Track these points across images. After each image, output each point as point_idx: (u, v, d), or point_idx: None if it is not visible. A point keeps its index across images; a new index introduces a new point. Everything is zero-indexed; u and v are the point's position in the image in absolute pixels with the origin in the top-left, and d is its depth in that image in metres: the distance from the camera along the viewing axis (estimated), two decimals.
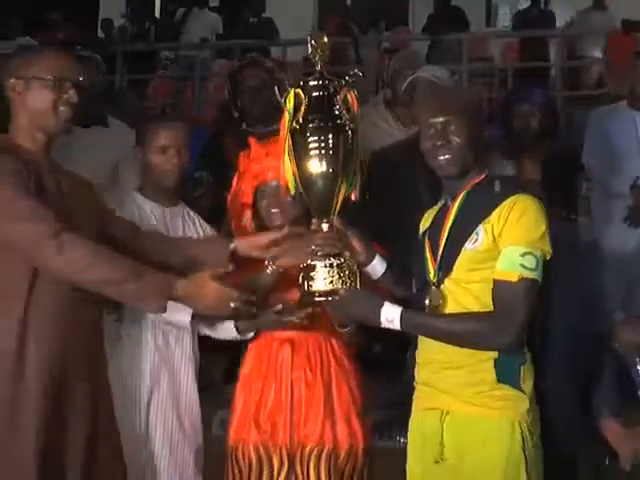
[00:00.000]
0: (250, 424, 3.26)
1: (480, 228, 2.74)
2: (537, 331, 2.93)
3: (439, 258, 2.83)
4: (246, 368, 3.37)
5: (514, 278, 2.65)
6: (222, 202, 3.56)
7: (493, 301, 2.71)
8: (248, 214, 3.36)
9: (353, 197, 2.89)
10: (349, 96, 2.84)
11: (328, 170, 2.78)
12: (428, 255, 2.88)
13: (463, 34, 10.19)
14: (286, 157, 2.85)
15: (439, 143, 2.80)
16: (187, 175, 3.63)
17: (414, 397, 2.98)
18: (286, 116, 2.81)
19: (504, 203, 2.73)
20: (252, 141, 3.37)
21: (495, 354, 2.73)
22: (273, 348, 3.31)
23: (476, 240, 2.74)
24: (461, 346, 2.72)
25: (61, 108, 2.86)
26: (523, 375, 2.78)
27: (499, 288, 2.70)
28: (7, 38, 10.92)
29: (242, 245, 3.14)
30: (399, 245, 3.19)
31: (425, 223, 3.04)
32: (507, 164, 4.64)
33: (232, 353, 3.60)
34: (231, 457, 3.28)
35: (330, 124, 2.78)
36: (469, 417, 2.77)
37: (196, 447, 3.43)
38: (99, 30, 13.18)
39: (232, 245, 3.14)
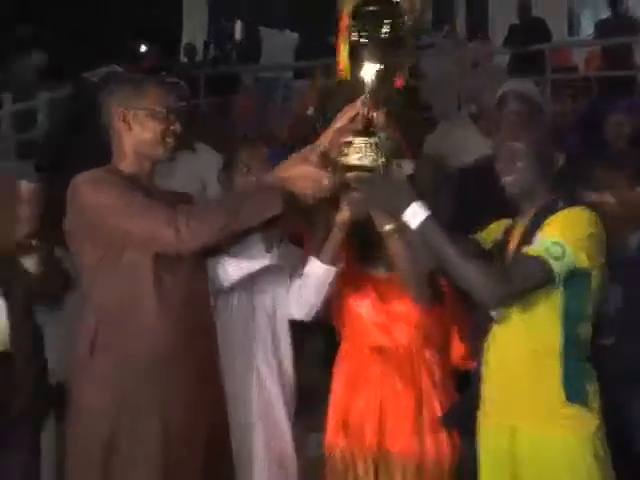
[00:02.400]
0: (339, 430, 3.30)
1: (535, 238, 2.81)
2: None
3: None
4: (337, 376, 3.40)
5: (533, 254, 2.72)
6: None
7: (507, 264, 2.81)
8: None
9: (399, 83, 2.89)
10: None
11: (381, 55, 2.78)
12: None
13: (545, 44, 10.08)
14: (344, 44, 2.85)
15: (506, 165, 2.92)
16: None
17: (481, 412, 2.98)
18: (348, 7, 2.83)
19: (557, 213, 2.82)
20: None
21: (561, 372, 2.78)
22: (363, 356, 3.33)
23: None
24: (451, 277, 2.78)
25: (168, 139, 2.92)
26: (591, 394, 2.82)
27: (517, 256, 2.80)
28: (92, 67, 11.20)
29: None
30: None
31: (491, 234, 3.09)
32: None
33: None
34: (325, 464, 3.33)
35: (387, 8, 2.80)
36: (540, 436, 2.80)
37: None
38: (181, 55, 13.39)
39: None
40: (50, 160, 6.35)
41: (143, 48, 13.01)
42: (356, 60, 2.80)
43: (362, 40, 2.78)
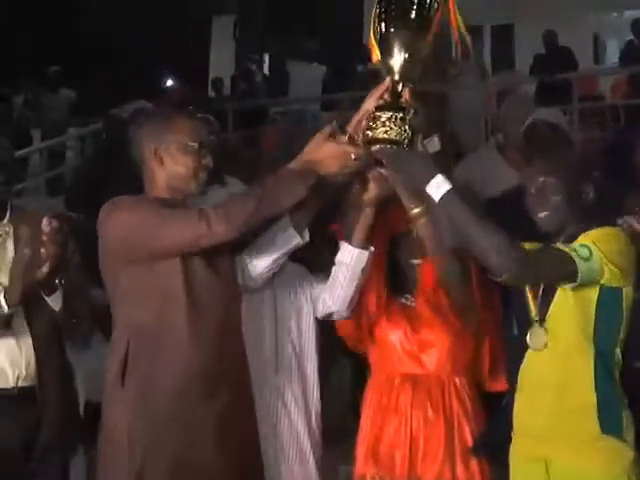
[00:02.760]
0: (369, 459, 3.28)
1: None
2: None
3: (540, 295, 2.91)
4: (367, 405, 3.39)
5: (564, 249, 2.76)
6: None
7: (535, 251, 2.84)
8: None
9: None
10: None
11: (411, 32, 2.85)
12: (529, 295, 2.94)
13: (572, 73, 10.08)
14: (373, 23, 2.91)
15: (539, 200, 2.94)
16: None
17: (514, 442, 2.98)
18: None
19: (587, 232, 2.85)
20: None
21: (594, 401, 2.78)
22: (394, 384, 3.32)
23: None
24: (471, 246, 2.76)
25: (200, 174, 2.95)
26: (626, 424, 2.81)
27: (547, 245, 2.87)
28: (123, 102, 11.31)
29: None
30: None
31: None
32: None
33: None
34: None
35: None
36: (575, 470, 2.78)
37: None
38: (210, 89, 13.51)
39: None
40: (80, 196, 6.41)
41: (171, 83, 13.15)
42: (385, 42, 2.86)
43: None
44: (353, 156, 2.83)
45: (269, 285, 3.36)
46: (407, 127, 2.76)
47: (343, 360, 3.90)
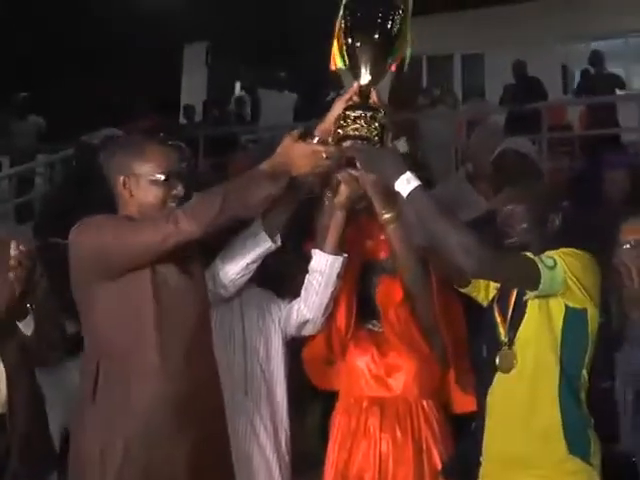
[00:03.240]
0: None
1: None
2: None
3: (509, 317, 2.97)
4: (335, 431, 3.39)
5: (530, 256, 2.84)
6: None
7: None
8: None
9: (393, 68, 3.01)
10: None
11: (376, 36, 2.91)
12: (498, 318, 3.01)
13: (540, 103, 10.17)
14: (338, 30, 2.98)
15: (507, 228, 3.01)
16: None
17: (483, 470, 3.01)
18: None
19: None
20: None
21: (561, 422, 2.82)
22: (362, 408, 3.33)
23: None
24: (438, 243, 2.80)
25: (170, 204, 2.93)
26: (592, 446, 2.85)
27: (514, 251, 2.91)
28: (93, 129, 11.27)
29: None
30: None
31: (493, 290, 3.14)
32: None
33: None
34: None
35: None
36: None
37: None
38: (181, 116, 13.51)
39: None
40: (49, 223, 6.36)
41: (142, 109, 13.11)
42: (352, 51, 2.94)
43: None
44: (324, 155, 2.86)
45: (237, 310, 3.37)
46: (377, 125, 2.83)
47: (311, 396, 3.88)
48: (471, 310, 3.29)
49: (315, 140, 2.94)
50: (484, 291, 3.16)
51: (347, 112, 2.88)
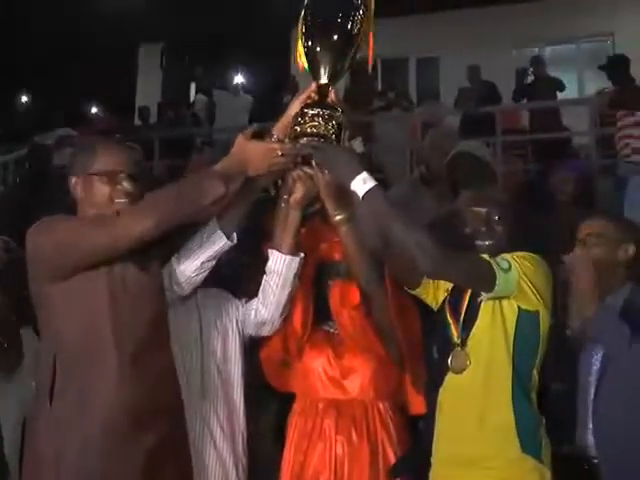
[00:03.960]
0: None
1: None
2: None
3: (462, 319, 2.99)
4: (291, 432, 3.39)
5: (485, 258, 2.87)
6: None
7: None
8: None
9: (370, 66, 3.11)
10: None
11: (335, 37, 2.93)
12: (450, 319, 3.04)
13: (495, 107, 10.25)
14: (299, 30, 3.01)
15: (482, 229, 3.03)
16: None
17: (434, 462, 3.03)
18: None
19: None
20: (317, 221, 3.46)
21: (514, 421, 2.86)
22: (318, 410, 3.34)
23: None
24: (393, 242, 2.83)
25: (117, 200, 2.90)
26: (544, 445, 2.89)
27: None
28: (47, 129, 11.17)
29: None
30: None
31: (443, 293, 3.16)
32: None
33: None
34: None
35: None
36: None
37: None
38: (136, 117, 13.42)
39: None
40: (3, 224, 6.30)
41: (96, 110, 13.02)
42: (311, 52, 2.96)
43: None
44: (279, 152, 2.85)
45: (194, 310, 3.36)
46: (334, 123, 2.85)
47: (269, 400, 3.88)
48: (423, 311, 3.31)
49: (273, 138, 2.94)
50: (433, 294, 3.18)
51: (305, 110, 2.89)
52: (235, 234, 3.19)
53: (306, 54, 2.97)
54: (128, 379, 2.80)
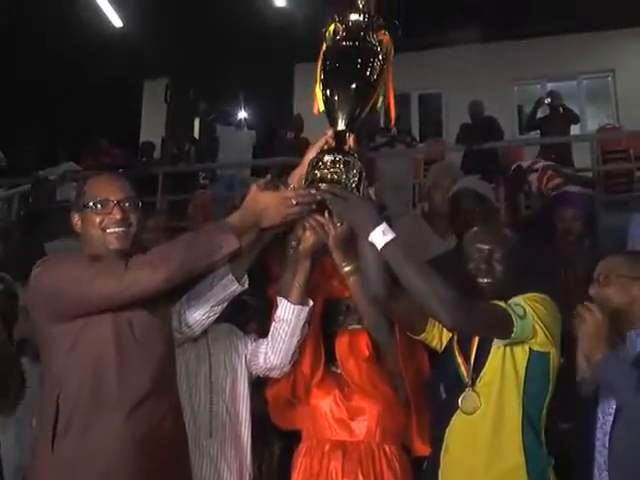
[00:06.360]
0: None
1: None
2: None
3: (472, 359, 2.98)
4: (297, 471, 3.36)
5: (502, 306, 2.86)
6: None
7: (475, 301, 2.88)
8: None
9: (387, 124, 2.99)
10: (383, 37, 2.96)
11: (354, 85, 2.87)
12: (459, 359, 3.03)
13: (497, 142, 10.28)
14: (318, 77, 2.94)
15: (484, 267, 3.02)
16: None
17: None
18: (324, 42, 2.94)
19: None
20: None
21: (524, 462, 2.83)
22: (325, 451, 3.31)
23: None
24: (416, 296, 2.75)
25: (109, 230, 2.86)
26: None
27: (486, 300, 2.91)
28: (52, 164, 11.21)
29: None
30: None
31: (448, 335, 3.15)
32: None
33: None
34: None
35: (361, 45, 2.89)
36: None
37: None
38: (140, 152, 13.45)
39: None
40: (7, 259, 6.32)
41: (100, 145, 13.06)
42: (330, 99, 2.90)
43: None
44: (293, 201, 2.79)
45: (204, 349, 3.34)
46: (355, 172, 2.80)
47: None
48: (431, 351, 3.29)
49: (288, 187, 2.89)
50: (438, 337, 3.16)
51: (324, 156, 2.83)
52: (247, 277, 3.17)
53: (324, 99, 2.92)
54: (132, 422, 2.76)
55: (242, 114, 14.83)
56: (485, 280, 3.03)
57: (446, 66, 13.15)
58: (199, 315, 3.18)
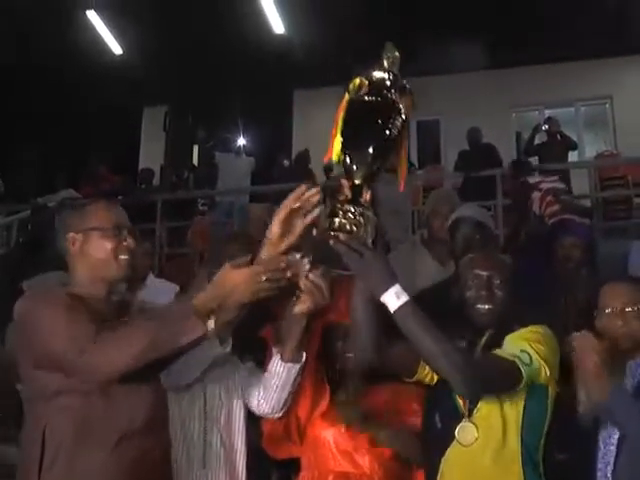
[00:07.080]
0: None
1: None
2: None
3: None
4: None
5: (509, 359, 2.80)
6: None
7: (482, 358, 2.87)
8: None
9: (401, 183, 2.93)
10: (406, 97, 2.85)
11: (374, 141, 2.74)
12: None
13: (496, 169, 10.30)
14: (338, 129, 2.79)
15: (483, 293, 2.99)
16: None
17: None
18: (345, 96, 2.81)
19: (520, 329, 2.95)
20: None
21: None
22: None
23: None
24: (429, 361, 2.71)
25: (121, 257, 2.89)
26: None
27: (494, 355, 2.85)
28: (51, 190, 11.23)
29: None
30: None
31: None
32: None
33: None
34: None
35: (383, 101, 2.77)
36: None
37: None
38: (139, 179, 13.49)
39: None
40: (4, 286, 6.31)
41: (100, 172, 13.09)
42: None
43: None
44: (264, 277, 2.67)
45: (199, 382, 3.32)
46: (371, 227, 2.64)
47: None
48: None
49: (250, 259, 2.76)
50: (431, 374, 3.09)
51: (342, 205, 2.66)
52: (230, 340, 3.04)
53: (342, 152, 2.74)
54: (117, 455, 2.73)
55: (241, 141, 14.89)
56: (486, 306, 3.01)
57: (444, 93, 13.20)
58: (185, 380, 3.20)
